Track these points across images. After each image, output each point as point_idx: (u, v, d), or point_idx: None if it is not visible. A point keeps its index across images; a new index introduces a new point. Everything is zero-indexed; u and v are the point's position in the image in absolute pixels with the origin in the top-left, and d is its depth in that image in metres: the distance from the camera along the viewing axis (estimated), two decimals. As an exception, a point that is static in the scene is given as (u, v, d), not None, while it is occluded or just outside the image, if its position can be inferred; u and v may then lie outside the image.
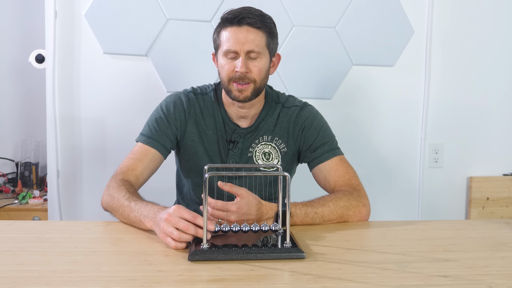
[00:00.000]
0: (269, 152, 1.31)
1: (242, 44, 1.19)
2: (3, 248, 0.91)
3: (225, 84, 1.24)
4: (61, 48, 1.75)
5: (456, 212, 2.04)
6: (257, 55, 1.21)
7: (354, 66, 1.90)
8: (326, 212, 1.14)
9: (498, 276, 0.82)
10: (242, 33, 1.20)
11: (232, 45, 1.20)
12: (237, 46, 1.19)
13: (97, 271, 0.81)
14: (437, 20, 1.93)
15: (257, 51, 1.21)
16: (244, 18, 1.19)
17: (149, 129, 1.28)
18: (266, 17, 1.24)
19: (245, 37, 1.19)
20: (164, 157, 1.29)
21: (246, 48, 1.19)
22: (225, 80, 1.23)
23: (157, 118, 1.29)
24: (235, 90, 1.22)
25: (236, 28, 1.20)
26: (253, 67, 1.21)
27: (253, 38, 1.20)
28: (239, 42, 1.19)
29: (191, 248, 0.90)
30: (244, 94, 1.22)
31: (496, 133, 2.04)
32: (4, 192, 1.99)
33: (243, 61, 1.20)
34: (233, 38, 1.20)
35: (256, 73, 1.22)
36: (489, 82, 2.01)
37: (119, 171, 1.21)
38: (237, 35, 1.20)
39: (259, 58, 1.22)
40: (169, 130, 1.28)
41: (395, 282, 0.78)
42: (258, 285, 0.76)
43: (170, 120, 1.28)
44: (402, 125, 1.96)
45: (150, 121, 1.30)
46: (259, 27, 1.21)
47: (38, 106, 2.06)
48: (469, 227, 1.15)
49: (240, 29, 1.20)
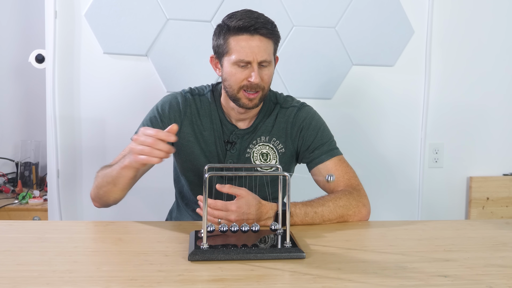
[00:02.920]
0: (267, 153, 1.31)
1: (256, 54, 1.18)
2: (3, 248, 0.91)
3: (233, 92, 1.22)
4: (61, 48, 1.75)
5: (456, 212, 2.04)
6: (268, 63, 1.21)
7: (354, 66, 1.90)
8: (326, 212, 1.14)
9: (498, 276, 0.82)
10: (255, 42, 1.18)
11: (246, 56, 1.18)
12: (250, 56, 1.18)
13: (97, 271, 0.81)
14: (437, 20, 1.93)
15: (269, 60, 1.21)
16: (257, 28, 1.17)
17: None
18: (274, 25, 1.23)
19: (258, 47, 1.18)
20: None
21: (259, 59, 1.19)
22: (234, 88, 1.22)
23: (151, 117, 1.30)
24: (245, 99, 1.22)
25: (249, 37, 1.18)
26: (264, 76, 1.21)
27: (265, 48, 1.20)
28: (253, 52, 1.18)
29: (191, 248, 0.90)
30: (253, 102, 1.22)
31: (496, 133, 2.04)
32: (4, 192, 1.99)
33: (257, 72, 1.19)
34: (247, 48, 1.18)
35: (266, 81, 1.22)
36: (489, 82, 2.00)
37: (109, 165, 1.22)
38: (251, 45, 1.18)
39: (269, 66, 1.22)
40: (163, 129, 1.28)
41: (395, 282, 0.78)
42: (258, 285, 0.76)
43: (164, 119, 1.28)
44: (402, 125, 1.96)
45: (145, 120, 1.31)
46: (270, 37, 1.21)
47: (38, 106, 2.06)
48: (469, 227, 1.15)
49: (253, 38, 1.18)
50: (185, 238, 1.00)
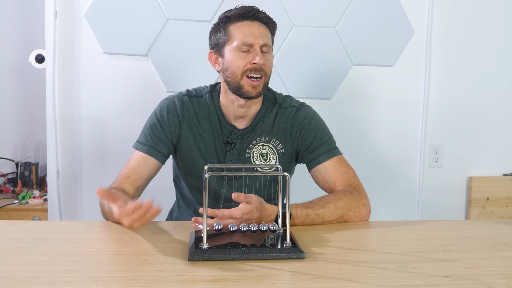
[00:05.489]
0: (267, 153, 1.31)
1: (258, 37, 1.22)
2: (3, 248, 0.91)
3: (236, 79, 1.23)
4: (61, 48, 1.75)
5: (456, 212, 2.04)
6: (268, 49, 1.25)
7: (354, 66, 1.90)
8: (327, 213, 1.14)
9: (498, 276, 0.82)
10: (256, 27, 1.23)
11: (249, 38, 1.22)
12: (253, 39, 1.22)
13: (97, 271, 0.81)
14: (437, 20, 1.93)
15: (269, 45, 1.25)
16: (256, 13, 1.24)
17: (145, 136, 1.29)
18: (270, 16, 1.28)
19: (259, 31, 1.23)
20: (162, 163, 1.29)
21: (261, 42, 1.23)
22: (237, 75, 1.23)
23: (151, 124, 1.30)
24: (249, 86, 1.23)
25: (249, 22, 1.23)
26: (265, 61, 1.24)
27: (265, 33, 1.25)
28: (255, 36, 1.22)
29: (191, 248, 0.90)
30: (257, 90, 1.24)
31: (496, 133, 2.04)
32: (4, 192, 1.99)
33: (260, 53, 1.22)
34: (249, 31, 1.22)
35: (268, 66, 1.25)
36: (489, 82, 2.00)
37: (115, 181, 1.23)
38: (252, 29, 1.23)
39: (269, 52, 1.26)
40: (164, 136, 1.28)
41: (395, 282, 0.78)
42: (258, 285, 0.76)
43: (164, 125, 1.28)
44: (402, 125, 1.96)
45: (145, 128, 1.31)
46: (267, 23, 1.26)
47: (38, 106, 2.06)
48: (469, 227, 1.15)
49: (253, 23, 1.24)
50: (185, 238, 1.00)
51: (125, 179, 1.22)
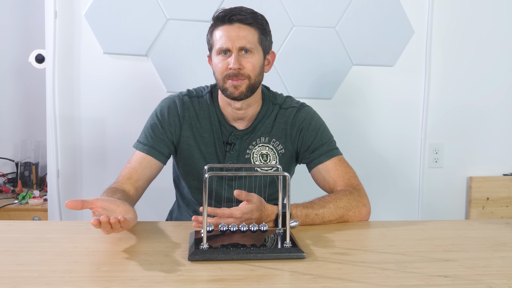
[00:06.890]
0: (267, 154, 1.31)
1: (234, 41, 1.20)
2: (3, 248, 0.91)
3: (220, 83, 1.24)
4: (61, 48, 1.75)
5: (456, 212, 2.04)
6: (249, 51, 1.22)
7: (354, 66, 1.90)
8: (327, 213, 1.14)
9: (498, 276, 0.82)
10: (234, 30, 1.21)
11: (224, 43, 1.20)
12: (229, 43, 1.20)
13: (97, 271, 0.81)
14: (437, 20, 1.93)
15: (249, 47, 1.21)
16: (235, 15, 1.21)
17: (145, 136, 1.29)
18: (258, 15, 1.25)
19: (237, 34, 1.21)
20: (163, 163, 1.29)
21: (238, 45, 1.20)
22: (219, 79, 1.23)
23: (152, 124, 1.30)
24: (230, 86, 1.22)
25: (228, 26, 1.22)
26: (246, 63, 1.22)
27: (244, 35, 1.21)
28: (231, 39, 1.20)
29: (191, 248, 0.90)
30: (239, 89, 1.22)
31: (496, 133, 2.04)
32: (4, 192, 1.99)
33: (235, 58, 1.20)
34: (225, 36, 1.21)
35: (250, 69, 1.22)
36: (489, 82, 2.00)
37: (116, 181, 1.23)
38: (229, 33, 1.21)
39: (251, 54, 1.22)
40: (165, 136, 1.28)
41: (395, 282, 0.78)
42: (258, 285, 0.76)
43: (164, 125, 1.28)
44: (402, 125, 1.96)
45: (146, 128, 1.31)
46: (250, 23, 1.22)
47: (38, 106, 2.06)
48: (469, 227, 1.15)
49: (232, 26, 1.21)
50: (185, 238, 1.00)
51: (126, 179, 1.22)
